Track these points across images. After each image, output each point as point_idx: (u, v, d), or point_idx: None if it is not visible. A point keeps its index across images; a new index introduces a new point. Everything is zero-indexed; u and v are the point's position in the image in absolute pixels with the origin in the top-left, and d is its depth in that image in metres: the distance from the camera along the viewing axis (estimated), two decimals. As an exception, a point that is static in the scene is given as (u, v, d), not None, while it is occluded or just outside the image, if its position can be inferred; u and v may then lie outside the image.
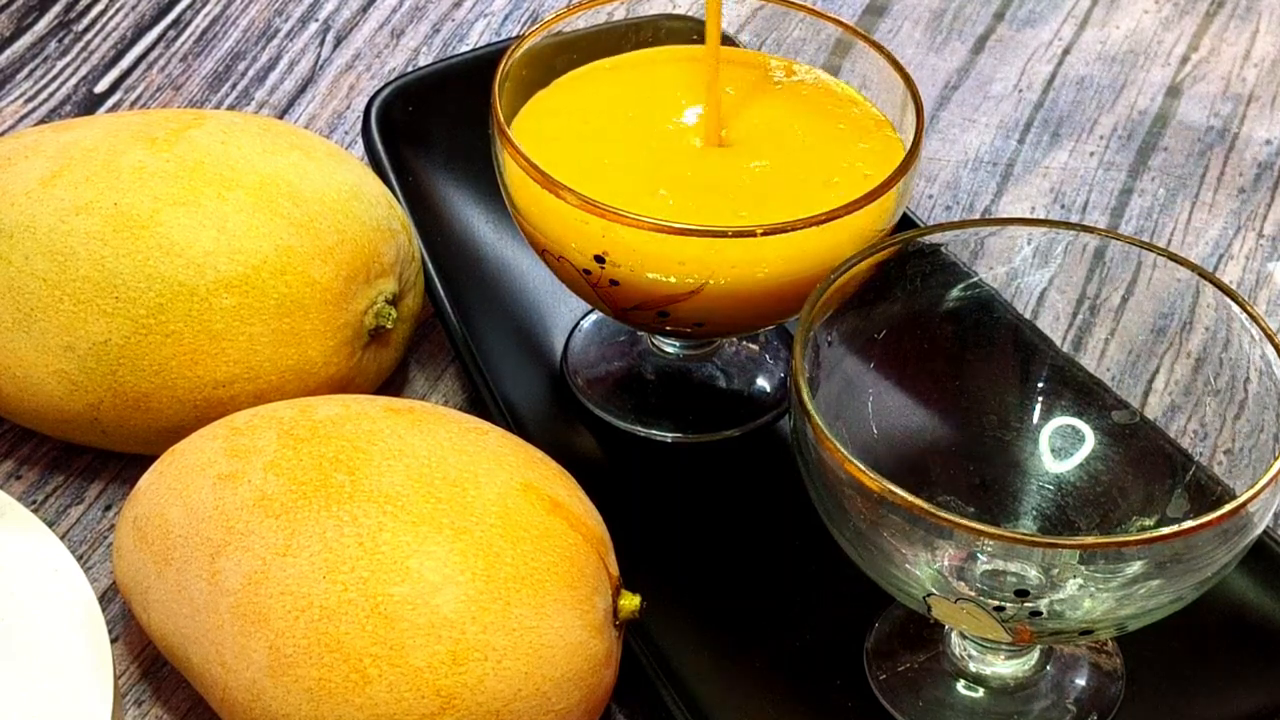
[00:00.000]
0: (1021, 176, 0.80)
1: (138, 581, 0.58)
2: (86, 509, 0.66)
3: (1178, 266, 0.58)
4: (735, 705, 0.59)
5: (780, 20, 0.69)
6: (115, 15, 0.85)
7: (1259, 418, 0.57)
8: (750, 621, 0.62)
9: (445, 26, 0.86)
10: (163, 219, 0.63)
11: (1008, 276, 0.61)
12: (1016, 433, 0.61)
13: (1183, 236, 0.78)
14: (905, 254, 0.60)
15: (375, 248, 0.65)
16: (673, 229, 0.59)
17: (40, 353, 0.63)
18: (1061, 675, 0.60)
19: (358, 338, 0.65)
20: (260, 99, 0.82)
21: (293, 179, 0.64)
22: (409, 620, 0.53)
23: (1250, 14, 0.88)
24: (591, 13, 0.67)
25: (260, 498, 0.56)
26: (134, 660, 0.61)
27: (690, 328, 0.64)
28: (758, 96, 0.66)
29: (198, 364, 0.63)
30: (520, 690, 0.54)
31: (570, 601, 0.55)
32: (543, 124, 0.65)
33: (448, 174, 0.74)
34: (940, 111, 0.83)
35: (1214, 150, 0.81)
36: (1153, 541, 0.51)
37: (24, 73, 0.82)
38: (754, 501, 0.65)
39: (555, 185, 0.60)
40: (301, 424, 0.58)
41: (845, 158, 0.64)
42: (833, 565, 0.62)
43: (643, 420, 0.67)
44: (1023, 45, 0.86)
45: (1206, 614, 0.60)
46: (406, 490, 0.55)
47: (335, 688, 0.54)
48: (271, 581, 0.55)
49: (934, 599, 0.54)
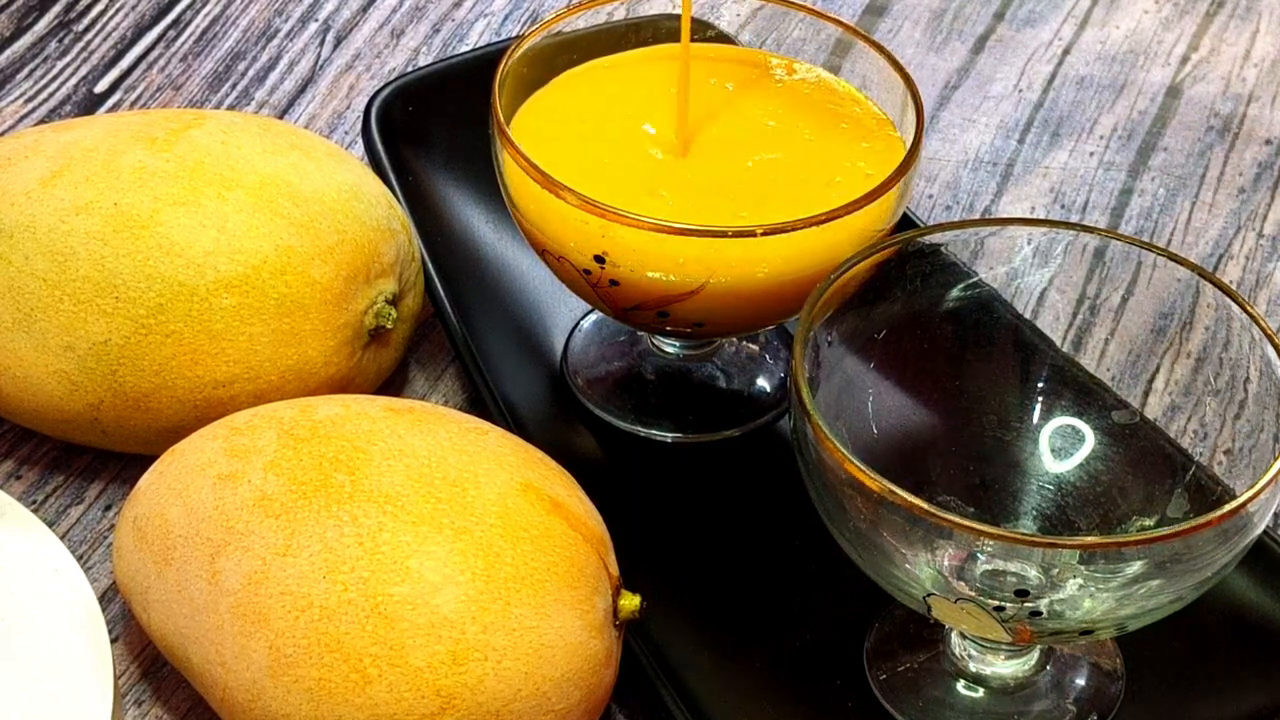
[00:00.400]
0: (1021, 176, 0.80)
1: (138, 581, 0.58)
2: (86, 509, 0.66)
3: (1178, 266, 0.58)
4: (735, 705, 0.59)
5: (780, 20, 0.69)
6: (115, 15, 0.85)
7: (1259, 418, 0.57)
8: (750, 621, 0.62)
9: (445, 26, 0.86)
10: (163, 219, 0.63)
11: (1008, 276, 0.61)
12: (1016, 433, 0.61)
13: (1183, 236, 0.78)
14: (905, 254, 0.60)
15: (375, 248, 0.65)
16: (673, 229, 0.59)
17: (40, 353, 0.63)
18: (1061, 675, 0.60)
19: (358, 338, 0.65)
20: (260, 99, 0.82)
21: (293, 179, 0.64)
22: (409, 620, 0.53)
23: (1250, 14, 0.88)
24: (591, 13, 0.67)
25: (260, 498, 0.56)
26: (134, 660, 0.61)
27: (690, 328, 0.64)
28: (758, 95, 0.66)
29: (198, 364, 0.63)
30: (520, 690, 0.54)
31: (570, 601, 0.55)
32: (542, 123, 0.65)
33: (448, 174, 0.74)
34: (940, 111, 0.83)
35: (1214, 150, 0.81)
36: (1153, 541, 0.51)
37: (24, 73, 0.82)
38: (754, 501, 0.65)
39: (555, 185, 0.60)
40: (301, 424, 0.58)
41: (846, 157, 0.64)
42: (833, 565, 0.62)
43: (643, 420, 0.67)
44: (1023, 45, 0.86)
45: (1206, 614, 0.60)
46: (406, 490, 0.55)
47: (335, 688, 0.54)
48: (271, 581, 0.55)
49: (934, 599, 0.54)
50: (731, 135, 0.64)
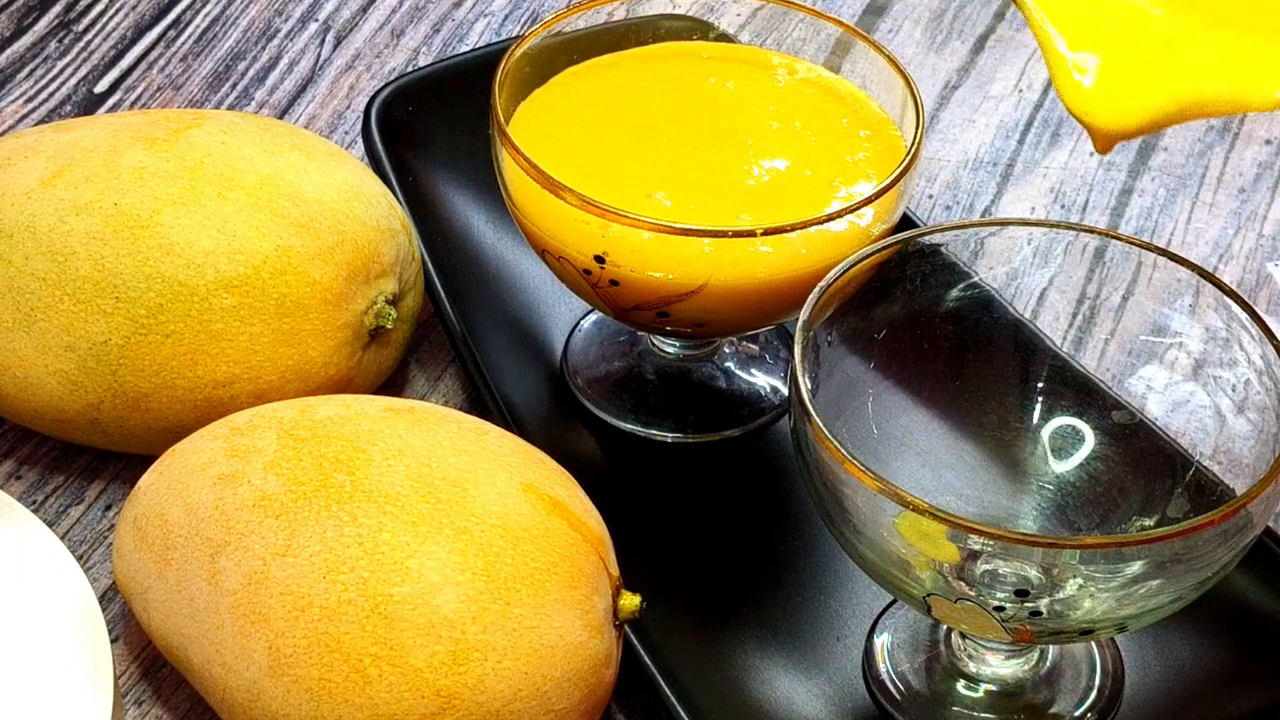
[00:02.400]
0: (1021, 176, 0.80)
1: (138, 581, 0.58)
2: (86, 509, 0.66)
3: (1178, 266, 0.58)
4: (735, 705, 0.59)
5: (780, 20, 0.69)
6: (115, 15, 0.85)
7: (1259, 418, 0.57)
8: (750, 621, 0.62)
9: (445, 26, 0.86)
10: (163, 219, 0.63)
11: (1008, 276, 0.61)
12: (1016, 432, 0.61)
13: (1183, 236, 0.77)
14: (905, 254, 0.60)
15: (375, 248, 0.65)
16: (673, 229, 0.59)
17: (40, 353, 0.63)
18: (1061, 675, 0.60)
19: (358, 338, 0.65)
20: (260, 99, 0.82)
21: (293, 179, 0.64)
22: (409, 620, 0.53)
23: (1250, 14, 0.88)
24: (591, 13, 0.67)
25: (260, 498, 0.56)
26: (134, 660, 0.61)
27: (690, 328, 0.64)
28: (758, 95, 0.66)
29: (198, 364, 0.63)
30: (520, 690, 0.54)
31: (570, 601, 0.55)
32: (542, 123, 0.65)
33: (448, 174, 0.74)
34: (940, 111, 0.83)
35: (1214, 150, 0.81)
36: (1153, 541, 0.51)
37: (24, 73, 0.82)
38: (754, 501, 0.65)
39: (555, 185, 0.60)
40: (301, 424, 0.58)
41: (846, 157, 0.64)
42: (833, 565, 0.63)
43: (643, 420, 0.67)
44: (1023, 45, 0.86)
45: (1206, 614, 0.60)
46: (406, 490, 0.55)
47: (335, 688, 0.54)
48: (271, 581, 0.55)
49: (934, 599, 0.54)
50: (732, 135, 0.64)
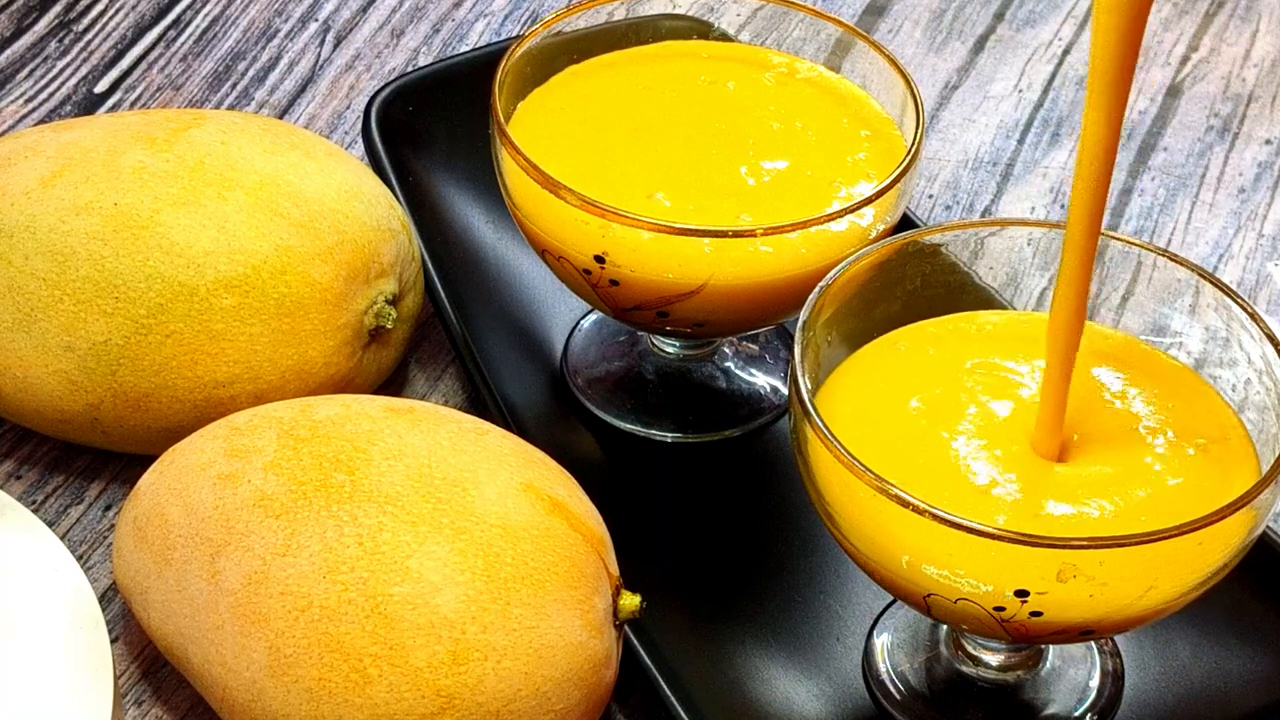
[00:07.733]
0: (1021, 176, 0.80)
1: (138, 581, 0.58)
2: (86, 509, 0.66)
3: (1178, 266, 0.58)
4: (735, 705, 0.59)
5: (780, 20, 0.69)
6: (115, 15, 0.85)
7: (1259, 418, 0.57)
8: (750, 621, 0.62)
9: (445, 26, 0.86)
10: (163, 219, 0.63)
11: (1008, 276, 0.61)
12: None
13: (1183, 236, 0.78)
14: (905, 254, 0.60)
15: (375, 248, 0.65)
16: (673, 229, 0.59)
17: (40, 353, 0.63)
18: (1061, 675, 0.60)
19: (358, 338, 0.65)
20: (260, 99, 0.82)
21: (293, 179, 0.64)
22: (409, 620, 0.53)
23: (1250, 14, 0.88)
24: (591, 13, 0.67)
25: (260, 498, 0.56)
26: (134, 660, 0.61)
27: (690, 328, 0.64)
28: (758, 95, 0.66)
29: (198, 364, 0.63)
30: (520, 690, 0.54)
31: (570, 601, 0.55)
32: (542, 123, 0.65)
33: (448, 174, 0.74)
34: (940, 111, 0.83)
35: (1214, 150, 0.81)
36: (1152, 541, 0.51)
37: (24, 73, 0.82)
38: (754, 501, 0.65)
39: (555, 185, 0.60)
40: (301, 424, 0.58)
41: (846, 157, 0.64)
42: (833, 565, 0.63)
43: (643, 420, 0.67)
44: (1023, 45, 0.86)
45: (1206, 614, 0.60)
46: (406, 490, 0.55)
47: (335, 688, 0.54)
48: (271, 581, 0.55)
49: (934, 599, 0.54)
50: (732, 135, 0.64)
